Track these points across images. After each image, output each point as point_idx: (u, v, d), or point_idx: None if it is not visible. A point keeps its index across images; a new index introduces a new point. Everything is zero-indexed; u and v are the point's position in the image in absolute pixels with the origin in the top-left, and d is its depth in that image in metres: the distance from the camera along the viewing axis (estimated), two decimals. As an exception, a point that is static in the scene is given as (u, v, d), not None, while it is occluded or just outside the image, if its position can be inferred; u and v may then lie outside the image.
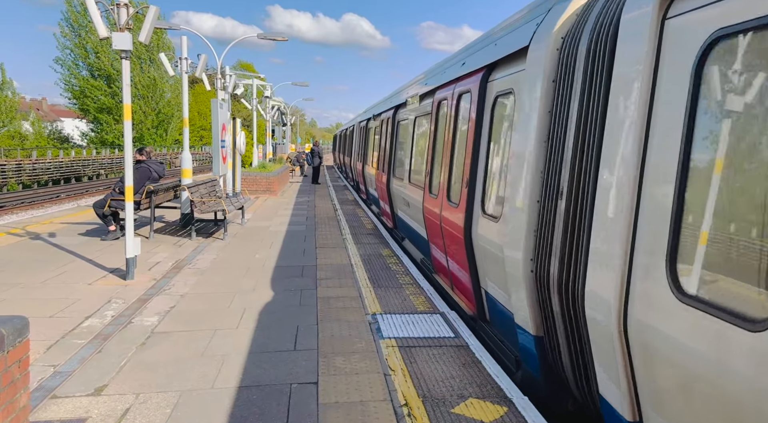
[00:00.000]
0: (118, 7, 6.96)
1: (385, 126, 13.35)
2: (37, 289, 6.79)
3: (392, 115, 12.19)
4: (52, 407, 3.84)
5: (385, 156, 12.52)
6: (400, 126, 11.32)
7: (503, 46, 5.33)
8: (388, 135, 12.49)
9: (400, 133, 11.33)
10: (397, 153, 11.37)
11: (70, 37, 46.09)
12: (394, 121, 12.06)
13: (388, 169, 11.81)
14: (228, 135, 13.86)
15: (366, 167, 17.19)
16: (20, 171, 32.55)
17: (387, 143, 12.60)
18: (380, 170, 13.02)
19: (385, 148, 12.68)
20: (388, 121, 12.79)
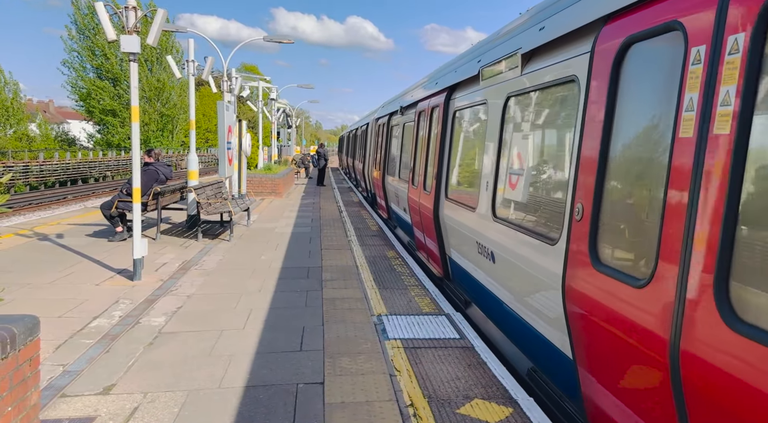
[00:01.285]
0: (126, 10, 7.02)
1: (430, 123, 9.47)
2: (46, 289, 6.85)
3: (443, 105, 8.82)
4: (61, 406, 3.89)
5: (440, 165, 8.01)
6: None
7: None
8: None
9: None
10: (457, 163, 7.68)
11: (77, 39, 46.40)
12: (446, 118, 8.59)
13: (443, 187, 7.70)
14: (234, 137, 13.92)
15: (389, 177, 13.14)
16: (27, 173, 32.77)
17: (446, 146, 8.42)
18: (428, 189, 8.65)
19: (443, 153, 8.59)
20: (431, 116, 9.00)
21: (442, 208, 7.45)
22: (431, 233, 8.02)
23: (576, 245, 3.56)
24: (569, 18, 4.11)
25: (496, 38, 6.19)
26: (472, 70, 6.57)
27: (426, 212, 8.15)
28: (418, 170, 9.21)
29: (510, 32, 5.66)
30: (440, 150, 7.70)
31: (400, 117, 12.22)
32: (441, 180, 7.59)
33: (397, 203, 11.99)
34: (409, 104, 10.91)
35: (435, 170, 7.83)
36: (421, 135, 9.21)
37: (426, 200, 8.17)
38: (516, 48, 5.15)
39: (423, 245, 9.13)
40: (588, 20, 3.75)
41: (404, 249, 10.17)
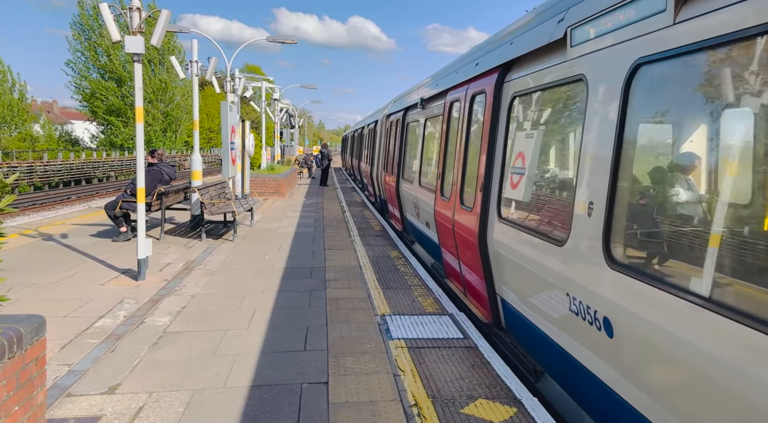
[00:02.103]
0: (130, 10, 7.05)
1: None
2: (51, 289, 6.88)
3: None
4: (67, 405, 3.90)
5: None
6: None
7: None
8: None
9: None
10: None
11: (82, 40, 46.54)
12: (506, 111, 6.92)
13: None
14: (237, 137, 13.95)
15: (405, 184, 11.15)
16: (32, 173, 32.89)
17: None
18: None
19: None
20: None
21: (491, 232, 5.52)
22: (473, 263, 6.08)
23: None
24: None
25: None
26: (547, 34, 4.55)
27: (465, 234, 6.26)
28: (449, 178, 7.20)
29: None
30: (488, 151, 5.63)
31: (420, 111, 10.15)
32: (489, 193, 5.62)
33: (415, 215, 10.02)
34: (434, 94, 8.94)
35: (480, 180, 5.75)
36: (454, 132, 7.28)
37: (465, 219, 6.24)
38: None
39: (456, 274, 7.07)
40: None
41: (407, 249, 10.17)
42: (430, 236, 8.68)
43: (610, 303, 3.38)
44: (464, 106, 6.55)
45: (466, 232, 6.25)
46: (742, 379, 2.38)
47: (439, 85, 8.63)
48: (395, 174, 12.21)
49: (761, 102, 2.59)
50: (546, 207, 4.79)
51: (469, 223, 6.09)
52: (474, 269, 6.10)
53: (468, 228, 6.15)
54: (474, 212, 5.91)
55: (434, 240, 8.28)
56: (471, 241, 6.02)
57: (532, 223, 4.84)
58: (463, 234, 6.38)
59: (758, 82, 2.58)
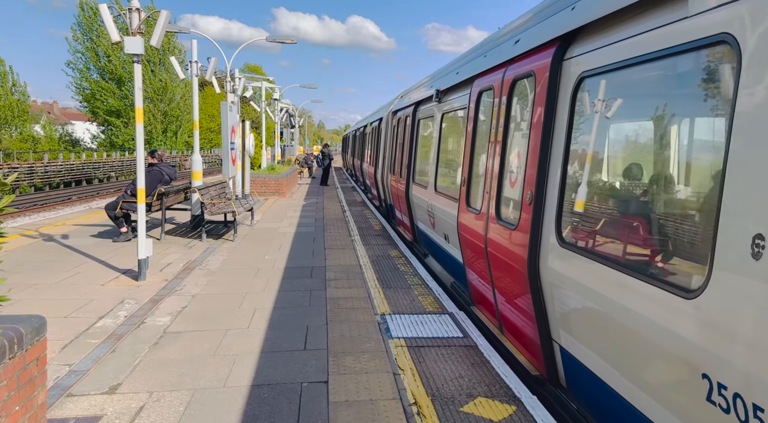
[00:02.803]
0: (130, 11, 7.07)
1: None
2: (52, 289, 6.89)
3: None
4: (68, 405, 3.92)
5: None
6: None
7: None
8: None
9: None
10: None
11: (82, 40, 46.56)
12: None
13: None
14: (237, 137, 13.97)
15: (417, 188, 9.77)
16: (32, 174, 32.92)
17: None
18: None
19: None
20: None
21: (547, 260, 4.15)
22: (517, 296, 4.79)
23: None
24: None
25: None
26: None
27: (505, 258, 4.89)
28: (479, 185, 5.90)
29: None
30: (540, 153, 4.30)
31: (435, 105, 8.77)
32: (544, 208, 4.25)
33: (430, 225, 8.69)
34: (454, 85, 7.65)
35: (529, 190, 4.41)
36: (483, 128, 6.04)
37: (506, 238, 4.87)
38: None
39: (488, 304, 5.79)
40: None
41: (407, 248, 10.18)
42: (450, 252, 7.42)
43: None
44: (499, 96, 5.31)
45: (507, 256, 4.85)
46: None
47: (461, 73, 7.27)
48: (404, 177, 10.77)
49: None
50: (659, 236, 3.28)
51: (513, 245, 4.70)
52: (518, 305, 4.79)
53: (511, 251, 4.75)
54: (521, 231, 4.53)
55: (456, 257, 7.04)
56: (515, 269, 4.64)
57: (628, 257, 3.41)
58: (501, 257, 5.01)
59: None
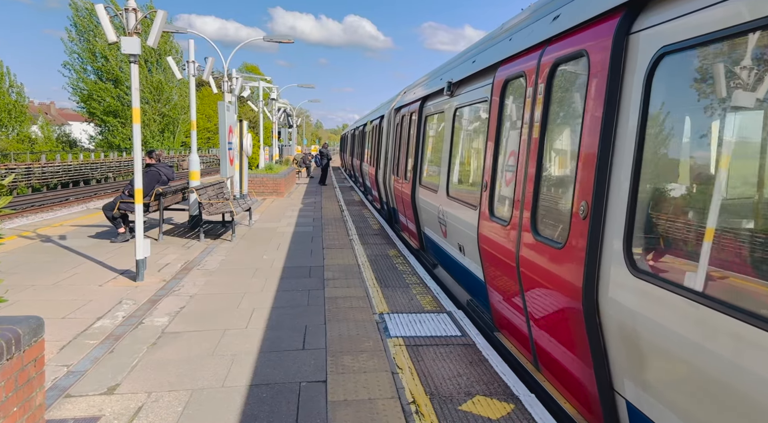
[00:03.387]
0: (126, 11, 7.05)
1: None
2: (50, 290, 6.89)
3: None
4: (66, 406, 3.92)
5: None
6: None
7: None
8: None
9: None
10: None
11: (78, 41, 46.47)
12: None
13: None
14: (235, 137, 13.96)
15: (424, 192, 8.87)
16: (30, 174, 32.86)
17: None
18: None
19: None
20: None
21: (610, 289, 3.30)
22: (565, 333, 3.86)
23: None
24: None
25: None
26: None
27: (546, 284, 4.03)
28: (508, 191, 5.00)
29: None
30: (600, 152, 3.39)
31: (446, 100, 7.81)
32: (603, 223, 3.37)
33: (440, 233, 7.77)
34: (471, 76, 6.67)
35: (582, 200, 3.53)
36: (511, 122, 5.21)
37: (547, 260, 4.02)
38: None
39: (519, 333, 4.91)
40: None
41: (406, 247, 10.19)
42: (467, 266, 6.53)
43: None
44: (534, 84, 4.49)
45: (549, 281, 3.97)
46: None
47: (479, 61, 6.38)
48: (410, 179, 9.82)
49: None
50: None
51: (560, 268, 3.78)
52: (564, 341, 3.92)
53: (555, 276, 3.85)
54: (571, 252, 3.63)
55: (474, 273, 6.20)
56: (562, 299, 3.76)
57: (745, 297, 2.48)
58: (542, 282, 4.11)
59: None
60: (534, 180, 4.36)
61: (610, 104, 3.39)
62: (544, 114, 4.33)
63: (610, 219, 3.33)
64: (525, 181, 4.52)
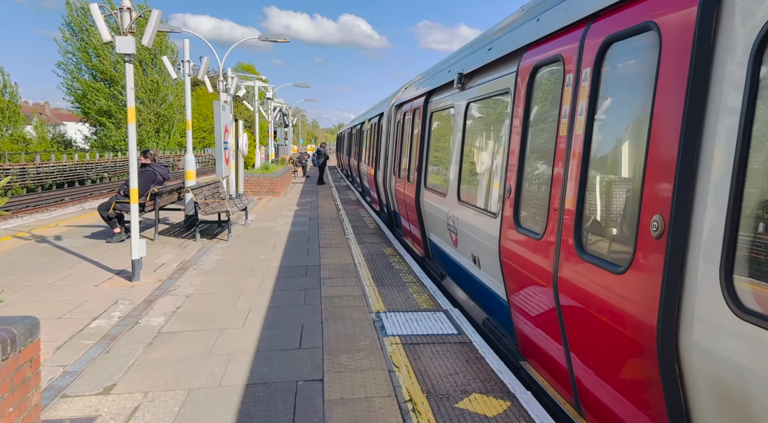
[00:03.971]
0: (121, 11, 7.03)
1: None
2: (45, 291, 6.86)
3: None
4: (62, 406, 3.91)
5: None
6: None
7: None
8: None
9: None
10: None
11: (72, 41, 46.28)
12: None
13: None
14: (230, 137, 13.93)
15: (429, 194, 8.20)
16: (24, 175, 32.72)
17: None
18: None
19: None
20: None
21: (697, 332, 2.54)
22: (633, 377, 3.07)
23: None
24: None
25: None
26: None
27: (601, 314, 3.26)
28: (539, 197, 4.34)
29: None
30: (682, 152, 2.66)
31: (456, 93, 7.11)
32: (685, 244, 2.64)
33: (450, 242, 7.06)
34: (486, 65, 5.96)
35: (656, 212, 2.80)
36: (546, 117, 4.41)
37: (598, 285, 3.28)
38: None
39: (556, 367, 4.06)
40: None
41: (402, 246, 10.19)
42: (483, 281, 5.79)
43: None
44: (575, 68, 3.81)
45: (603, 312, 3.20)
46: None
47: (496, 48, 5.71)
48: (414, 181, 9.12)
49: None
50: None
51: (622, 299, 3.01)
52: (627, 391, 3.11)
53: (614, 308, 3.07)
54: (637, 280, 2.88)
55: (493, 290, 5.46)
56: (625, 338, 3.00)
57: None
58: (591, 313, 3.35)
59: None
60: (577, 186, 3.61)
61: (696, 90, 2.66)
62: (591, 105, 3.61)
63: (698, 239, 2.56)
64: (565, 186, 3.77)
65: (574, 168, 3.68)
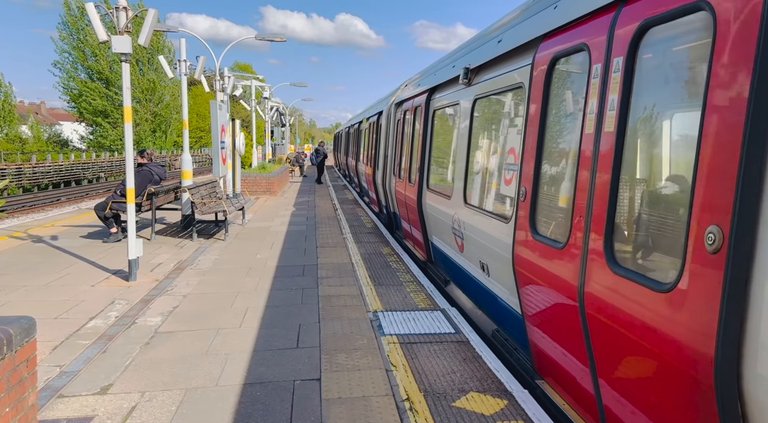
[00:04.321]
0: (117, 10, 7.01)
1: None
2: (42, 291, 6.84)
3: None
4: (59, 406, 3.90)
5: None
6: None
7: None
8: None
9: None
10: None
11: (69, 40, 46.11)
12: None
13: None
14: (227, 136, 13.92)
15: (433, 196, 7.82)
16: (20, 175, 32.61)
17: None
18: None
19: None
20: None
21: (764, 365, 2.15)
22: (676, 412, 2.65)
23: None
24: None
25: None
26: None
27: (640, 339, 2.85)
28: (561, 201, 3.96)
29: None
30: (747, 151, 2.24)
31: (462, 90, 6.68)
32: (747, 261, 2.24)
33: (455, 247, 6.62)
34: (498, 57, 5.46)
35: (713, 222, 2.38)
36: (568, 113, 4.11)
37: (637, 305, 2.86)
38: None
39: (573, 385, 3.78)
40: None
41: (399, 246, 10.19)
42: (493, 291, 5.37)
43: None
44: (604, 58, 3.39)
45: (643, 337, 2.81)
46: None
47: (506, 40, 5.30)
48: (415, 182, 8.77)
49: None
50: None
51: (668, 322, 2.62)
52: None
53: (659, 333, 2.68)
54: (689, 301, 2.52)
55: (504, 301, 5.04)
56: (669, 367, 2.64)
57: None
58: (625, 334, 2.96)
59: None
60: (608, 190, 3.18)
61: (765, 77, 2.22)
62: (624, 98, 3.18)
63: (765, 254, 2.19)
64: (592, 190, 3.35)
65: (604, 170, 3.24)
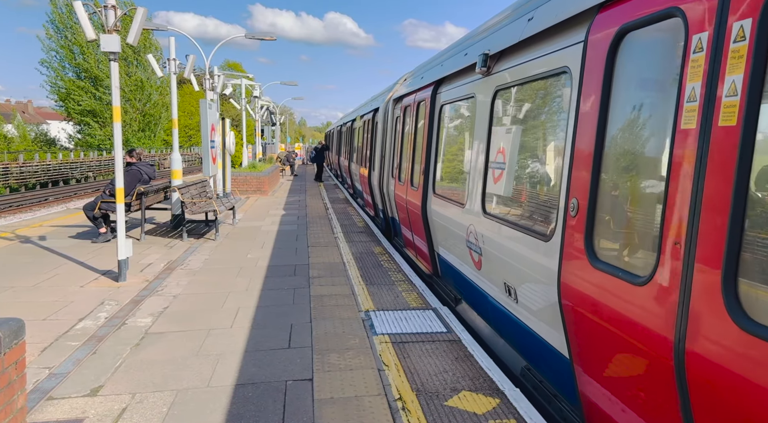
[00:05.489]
0: (105, 9, 6.95)
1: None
2: (30, 292, 6.77)
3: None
4: (48, 408, 3.86)
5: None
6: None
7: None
8: None
9: None
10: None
11: (56, 38, 45.64)
12: None
13: None
14: (217, 135, 13.84)
15: (438, 200, 7.02)
16: (7, 174, 32.25)
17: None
18: None
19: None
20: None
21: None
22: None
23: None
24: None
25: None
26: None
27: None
28: (639, 219, 3.05)
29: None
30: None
31: (480, 81, 5.71)
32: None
33: (470, 263, 5.74)
34: (528, 38, 4.49)
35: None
36: (632, 107, 3.20)
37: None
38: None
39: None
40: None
41: (391, 245, 10.20)
42: (524, 322, 4.43)
43: None
44: (722, 25, 2.34)
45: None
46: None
47: (539, 16, 4.35)
48: (419, 186, 7.82)
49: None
50: None
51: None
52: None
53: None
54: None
55: (542, 337, 4.09)
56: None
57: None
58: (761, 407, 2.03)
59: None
60: (729, 209, 2.22)
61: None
62: (755, 80, 2.16)
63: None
64: (696, 206, 2.40)
65: (722, 180, 2.27)
